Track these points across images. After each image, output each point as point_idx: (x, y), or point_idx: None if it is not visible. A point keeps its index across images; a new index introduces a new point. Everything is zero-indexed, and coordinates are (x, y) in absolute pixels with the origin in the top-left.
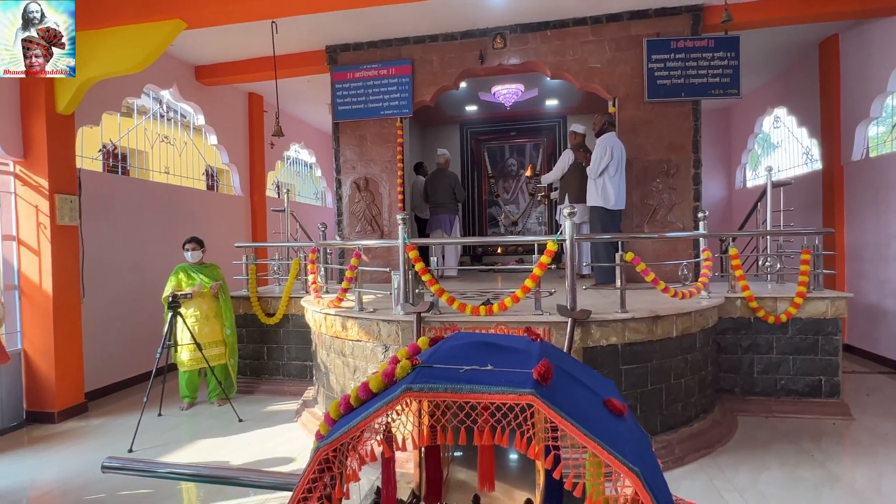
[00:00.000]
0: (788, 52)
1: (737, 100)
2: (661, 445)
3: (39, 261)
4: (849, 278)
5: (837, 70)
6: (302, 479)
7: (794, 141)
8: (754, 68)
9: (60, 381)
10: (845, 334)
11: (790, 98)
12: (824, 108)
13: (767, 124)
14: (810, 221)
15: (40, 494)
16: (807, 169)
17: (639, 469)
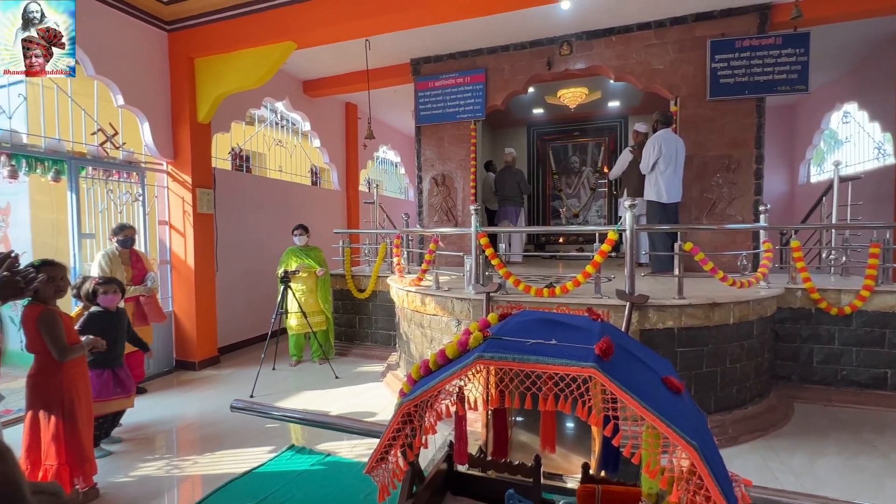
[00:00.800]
0: (862, 46)
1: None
2: (715, 425)
3: (185, 241)
4: None
5: None
6: (388, 429)
7: (865, 136)
8: (823, 64)
9: (200, 337)
10: None
11: (862, 93)
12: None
13: (836, 120)
14: (879, 216)
15: (186, 425)
16: (878, 164)
17: (696, 443)
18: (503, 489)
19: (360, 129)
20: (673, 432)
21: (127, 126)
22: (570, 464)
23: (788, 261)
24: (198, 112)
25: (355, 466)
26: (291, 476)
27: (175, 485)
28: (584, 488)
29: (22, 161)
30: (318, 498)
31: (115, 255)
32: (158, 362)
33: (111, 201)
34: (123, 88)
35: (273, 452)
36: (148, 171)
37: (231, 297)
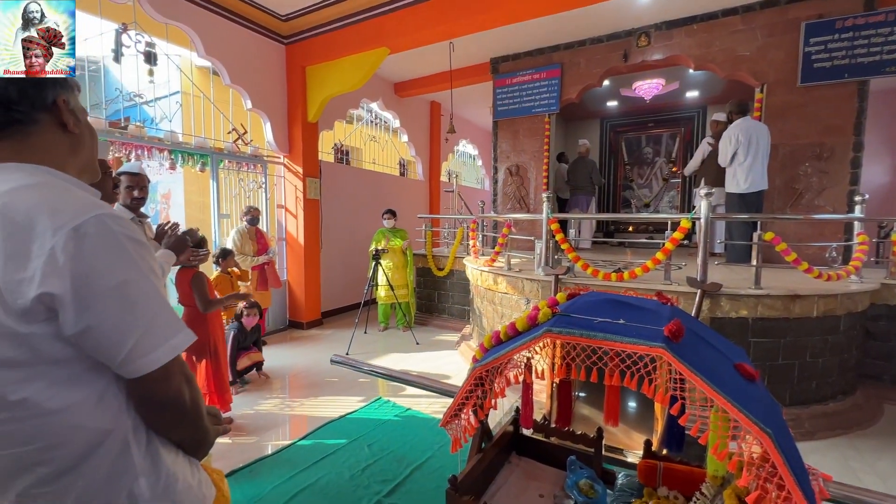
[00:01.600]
0: None
1: None
2: (790, 418)
3: (297, 222)
4: None
5: None
6: (461, 390)
7: None
8: None
9: (307, 302)
10: None
11: None
12: None
13: None
14: None
15: (295, 372)
16: None
17: (771, 430)
18: (565, 455)
19: (442, 125)
20: (745, 417)
21: (253, 126)
22: (632, 440)
23: (887, 255)
24: (308, 113)
25: (431, 421)
26: (378, 423)
27: (287, 420)
28: (645, 463)
29: (178, 155)
30: (400, 443)
31: (245, 231)
32: (275, 321)
33: (241, 188)
34: (252, 94)
35: (363, 402)
36: (269, 163)
37: (332, 270)
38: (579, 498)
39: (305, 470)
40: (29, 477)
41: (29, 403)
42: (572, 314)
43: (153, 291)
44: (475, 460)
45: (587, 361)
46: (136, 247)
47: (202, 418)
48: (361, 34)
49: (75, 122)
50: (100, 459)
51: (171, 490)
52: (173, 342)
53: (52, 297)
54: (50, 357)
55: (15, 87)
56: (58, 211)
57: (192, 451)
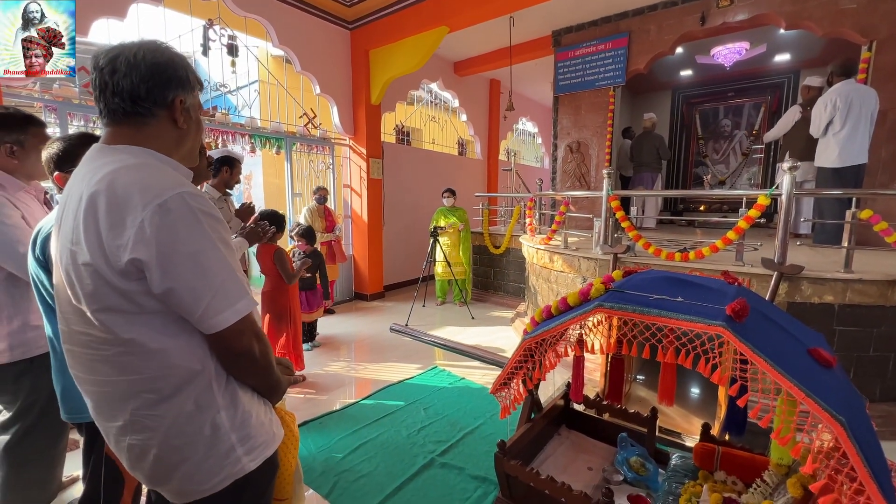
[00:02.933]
0: None
1: None
2: (880, 414)
3: (361, 201)
4: None
5: None
6: (510, 360)
7: None
8: None
9: (371, 276)
10: None
11: None
12: None
13: None
14: None
15: (360, 339)
16: None
17: (844, 418)
18: (616, 432)
19: (501, 102)
20: (815, 403)
21: (321, 110)
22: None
23: None
24: (371, 95)
25: (483, 391)
26: (434, 389)
27: (352, 382)
28: (702, 446)
29: (258, 140)
30: (453, 409)
31: (315, 209)
32: (342, 292)
33: (311, 169)
34: (320, 80)
35: (421, 369)
36: (336, 145)
37: (393, 246)
38: (629, 474)
39: (367, 426)
40: (138, 400)
41: (136, 342)
42: (626, 290)
43: (223, 261)
44: (524, 429)
45: (640, 338)
46: (209, 220)
47: (272, 368)
48: (421, 14)
49: (185, 120)
50: (190, 393)
51: (246, 423)
52: (238, 306)
53: (140, 262)
54: (147, 308)
55: (145, 86)
56: (149, 188)
57: (267, 395)
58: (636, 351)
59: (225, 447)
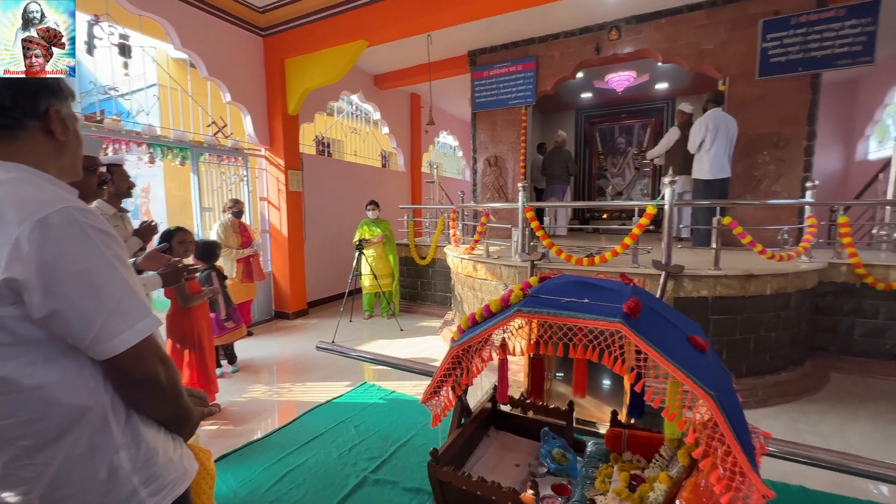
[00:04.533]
0: None
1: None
2: (746, 387)
3: (279, 214)
4: None
5: None
6: (439, 369)
7: None
8: (891, 35)
9: (292, 293)
10: None
11: None
12: None
13: None
14: None
15: (283, 360)
16: None
17: (715, 394)
18: (539, 428)
19: (422, 116)
20: (692, 382)
21: (233, 119)
22: (602, 412)
23: (835, 237)
24: (288, 105)
25: (415, 402)
26: (364, 406)
27: (275, 406)
28: (612, 431)
29: (157, 149)
30: (385, 424)
31: (229, 224)
32: (261, 311)
33: (223, 181)
34: (230, 87)
35: (349, 387)
36: (250, 156)
37: (316, 261)
38: (552, 465)
39: (294, 452)
40: (11, 450)
41: (9, 380)
42: (541, 295)
43: (118, 279)
44: (455, 434)
45: (554, 338)
46: (101, 236)
47: (181, 396)
48: (340, 26)
49: (62, 130)
50: (80, 434)
51: (151, 462)
52: (139, 326)
53: (16, 282)
54: (24, 338)
55: (9, 95)
56: (25, 203)
57: (176, 429)
58: (552, 350)
59: (125, 491)
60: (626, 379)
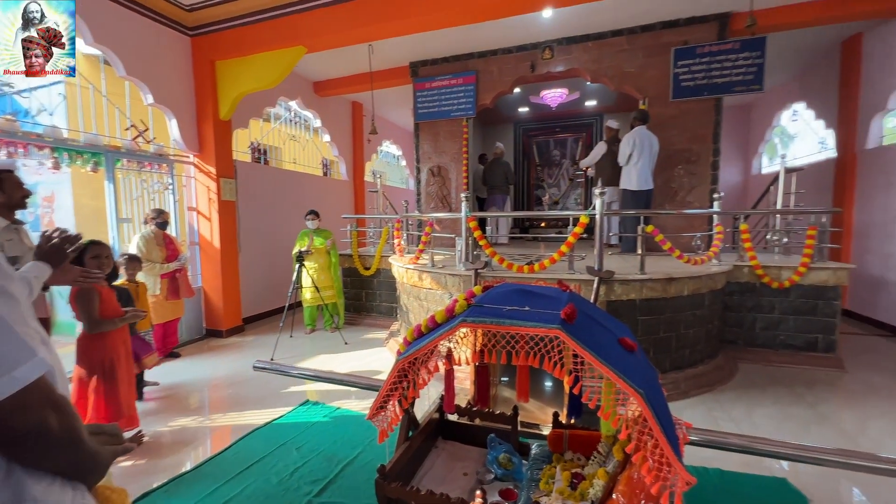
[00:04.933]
0: (810, 51)
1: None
2: (669, 381)
3: (210, 225)
4: (855, 252)
5: (859, 66)
6: (386, 382)
7: (810, 132)
8: (776, 67)
9: (226, 309)
10: (846, 301)
11: (809, 93)
12: (843, 101)
13: (786, 118)
14: (820, 203)
15: (216, 383)
16: (820, 157)
17: (644, 391)
18: (486, 434)
19: (365, 125)
20: (623, 381)
21: (157, 122)
22: (545, 415)
23: (738, 241)
24: (219, 110)
25: (361, 418)
26: (306, 426)
27: (207, 434)
28: (554, 433)
29: (63, 154)
30: (330, 443)
31: (151, 237)
32: (190, 330)
33: (144, 190)
34: (152, 88)
35: (291, 406)
36: (176, 162)
37: (252, 274)
38: (498, 471)
39: (229, 482)
40: None
41: None
42: (485, 304)
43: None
44: (402, 448)
45: (499, 346)
46: None
47: (80, 443)
48: (276, 31)
49: None
50: None
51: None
52: (16, 373)
53: None
54: None
55: None
56: None
57: (80, 478)
58: (497, 358)
59: None
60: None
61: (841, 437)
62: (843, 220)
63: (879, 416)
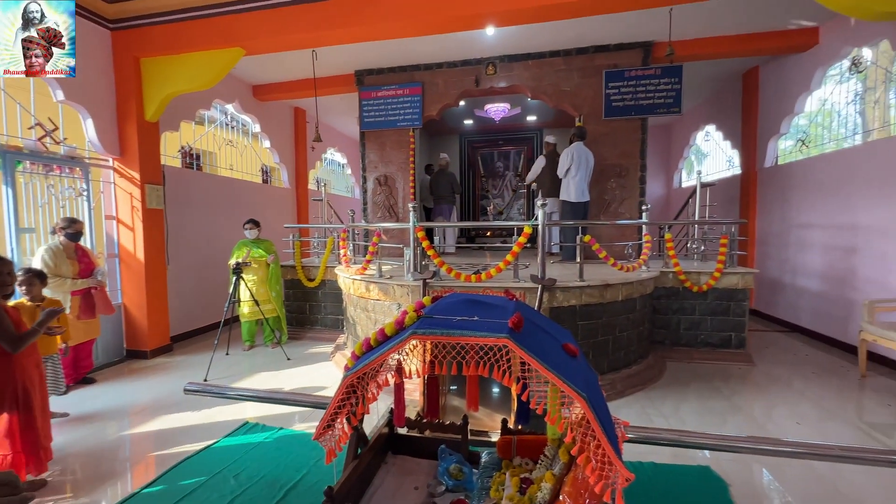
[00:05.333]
0: (718, 80)
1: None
2: (607, 382)
3: (133, 236)
4: (758, 258)
5: (756, 95)
6: (333, 399)
7: (720, 151)
8: (692, 92)
9: (151, 327)
10: (752, 301)
11: (718, 117)
12: (745, 125)
13: (700, 138)
14: (729, 214)
15: (140, 409)
16: (729, 174)
17: (586, 394)
18: (437, 446)
19: (309, 132)
20: (568, 387)
21: (69, 122)
22: (494, 422)
23: (663, 249)
24: (145, 110)
25: (306, 437)
26: (246, 449)
27: (127, 468)
28: (502, 439)
29: None
30: (272, 467)
31: (60, 249)
32: (107, 352)
33: (52, 196)
34: (63, 83)
35: (228, 430)
36: (93, 166)
37: (183, 288)
38: (449, 482)
39: None
40: None
41: None
42: (435, 315)
43: None
44: (351, 467)
45: (448, 357)
46: None
47: None
48: (212, 30)
49: None
50: None
51: None
52: None
53: None
54: None
55: None
56: None
57: None
58: (446, 370)
59: None
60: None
61: (752, 425)
62: (748, 229)
63: (782, 404)
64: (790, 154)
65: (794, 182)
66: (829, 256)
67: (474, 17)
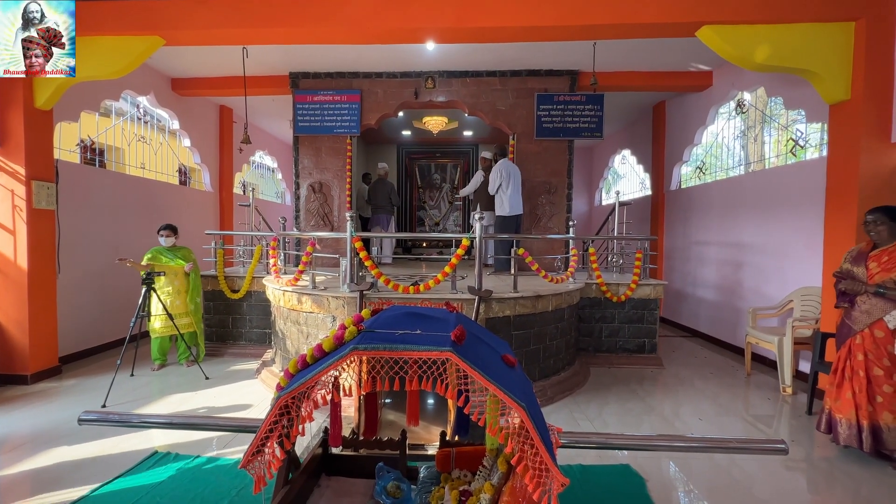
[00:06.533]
0: (633, 109)
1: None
2: (539, 389)
3: (14, 240)
4: (665, 271)
5: (664, 125)
6: (264, 422)
7: (635, 174)
8: (612, 119)
9: (34, 346)
10: (662, 310)
11: (633, 143)
12: (654, 151)
13: (618, 161)
14: (642, 231)
15: (14, 447)
16: (641, 194)
17: (524, 404)
18: (374, 464)
19: (235, 132)
20: (507, 397)
21: None
22: (431, 434)
23: (587, 262)
24: (35, 96)
25: (227, 465)
26: (151, 486)
27: None
28: (441, 452)
29: None
30: (186, 500)
31: None
32: None
33: None
34: None
35: (132, 464)
36: None
37: (78, 301)
38: (387, 501)
39: None
40: None
41: None
42: (376, 329)
43: None
44: (281, 494)
45: (390, 372)
46: None
47: None
48: (126, 14)
49: None
50: None
51: None
52: None
53: None
54: None
55: None
56: None
57: None
58: (388, 385)
59: None
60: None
61: (663, 423)
62: (658, 245)
63: (687, 403)
64: (690, 179)
65: (694, 204)
66: (722, 270)
67: (413, 31)
